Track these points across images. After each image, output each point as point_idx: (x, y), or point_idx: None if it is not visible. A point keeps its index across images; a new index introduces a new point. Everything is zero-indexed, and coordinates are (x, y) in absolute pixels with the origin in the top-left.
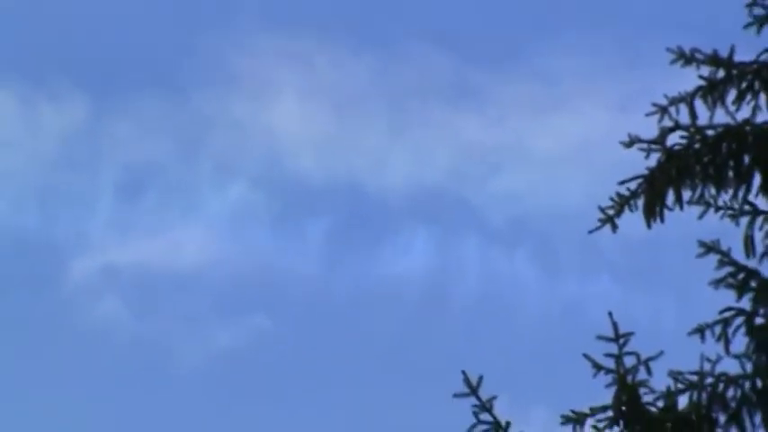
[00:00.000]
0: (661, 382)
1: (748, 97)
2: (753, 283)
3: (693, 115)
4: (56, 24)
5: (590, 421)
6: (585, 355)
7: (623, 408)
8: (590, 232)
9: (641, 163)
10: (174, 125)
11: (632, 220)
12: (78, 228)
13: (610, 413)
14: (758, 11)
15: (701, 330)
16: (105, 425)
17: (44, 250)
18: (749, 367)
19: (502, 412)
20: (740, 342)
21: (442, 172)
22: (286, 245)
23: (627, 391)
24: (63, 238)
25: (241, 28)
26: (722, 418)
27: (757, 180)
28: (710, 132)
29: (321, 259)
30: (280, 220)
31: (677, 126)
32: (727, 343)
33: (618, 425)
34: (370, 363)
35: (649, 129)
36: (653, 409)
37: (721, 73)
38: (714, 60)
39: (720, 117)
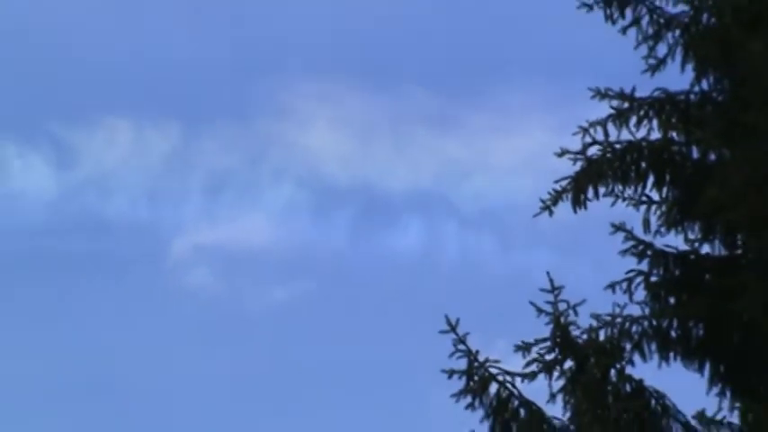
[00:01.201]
0: (585, 321)
1: (645, 122)
2: (649, 252)
3: (606, 134)
4: (157, 70)
5: (535, 349)
6: (531, 302)
7: (558, 339)
8: (534, 216)
9: (570, 168)
10: (243, 143)
11: (564, 208)
12: (176, 217)
13: (548, 343)
14: (651, 61)
15: (612, 286)
16: (197, 359)
17: (152, 234)
18: (647, 311)
19: (473, 344)
20: (640, 294)
21: (430, 178)
22: (322, 229)
23: (560, 327)
24: (165, 225)
25: (291, 74)
26: (628, 347)
27: (651, 179)
28: (618, 146)
29: (346, 239)
30: (317, 211)
31: (595, 142)
32: (631, 294)
33: (554, 352)
34: (381, 311)
35: (575, 144)
36: (579, 340)
37: (626, 104)
38: (621, 96)
39: (625, 135)
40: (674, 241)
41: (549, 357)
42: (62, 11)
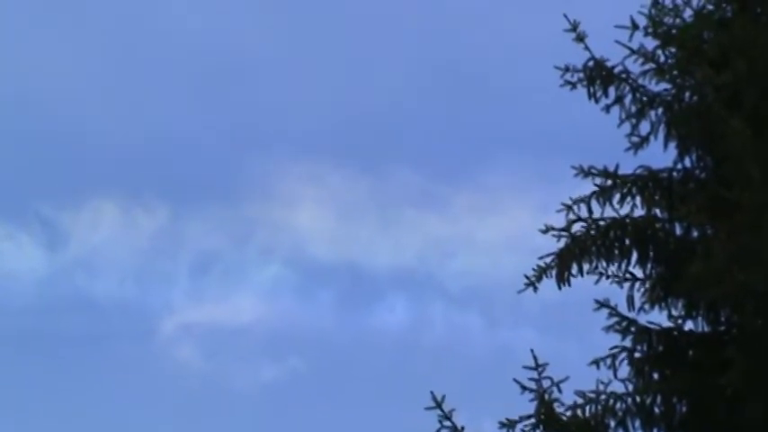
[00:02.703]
0: (569, 398)
1: (628, 199)
2: (632, 329)
3: (590, 211)
4: (145, 151)
5: (519, 426)
6: (515, 380)
7: (542, 416)
8: (518, 292)
9: (554, 245)
10: (230, 223)
11: (548, 286)
12: (164, 297)
13: (533, 420)
14: (634, 139)
15: (596, 362)
16: None
17: (140, 313)
18: (631, 387)
19: (459, 421)
20: (624, 370)
21: (415, 255)
22: (308, 307)
23: (544, 404)
24: (153, 305)
25: (277, 156)
26: (612, 424)
27: (635, 256)
28: (602, 223)
29: (333, 317)
30: (303, 290)
31: (579, 219)
32: (615, 371)
33: (539, 428)
34: (367, 388)
35: (559, 221)
36: (563, 417)
37: (609, 182)
38: (605, 173)
39: (609, 212)
40: (658, 318)
41: None
42: (48, 93)
